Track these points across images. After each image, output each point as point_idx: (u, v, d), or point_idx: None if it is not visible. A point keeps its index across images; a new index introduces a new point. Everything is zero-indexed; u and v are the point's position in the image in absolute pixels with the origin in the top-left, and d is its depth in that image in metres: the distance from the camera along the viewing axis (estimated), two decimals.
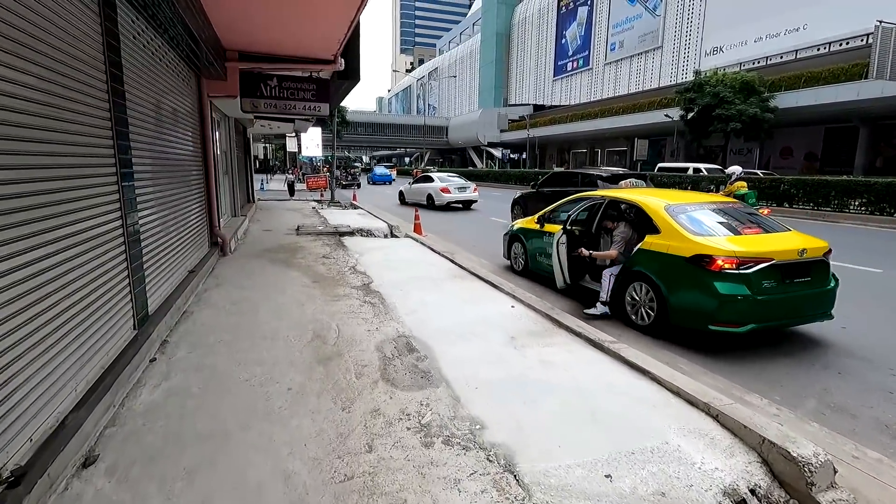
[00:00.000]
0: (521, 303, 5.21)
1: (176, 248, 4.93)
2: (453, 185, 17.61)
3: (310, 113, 7.37)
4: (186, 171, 5.77)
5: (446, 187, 17.39)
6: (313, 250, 8.12)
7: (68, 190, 2.58)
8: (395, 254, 8.04)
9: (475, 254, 8.77)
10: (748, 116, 27.70)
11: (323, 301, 5.14)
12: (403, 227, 11.62)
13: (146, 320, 3.67)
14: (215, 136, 8.79)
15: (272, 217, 13.19)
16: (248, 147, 14.25)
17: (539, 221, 6.38)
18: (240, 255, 7.57)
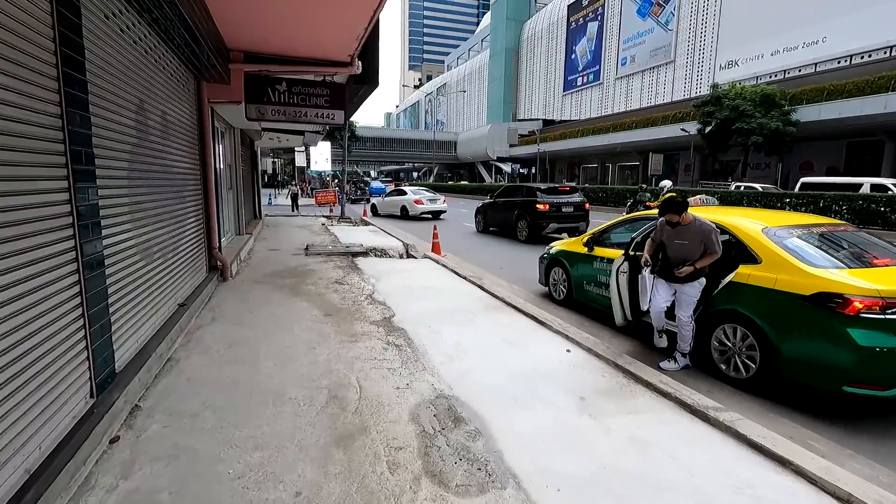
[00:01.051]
0: (576, 345, 4.29)
1: (161, 279, 4.07)
2: (425, 197, 19.17)
3: (322, 121, 6.59)
4: (180, 185, 4.95)
5: (419, 199, 18.93)
6: (324, 274, 7.26)
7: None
8: (416, 278, 7.15)
9: (504, 278, 7.87)
10: (769, 130, 26.83)
11: (338, 342, 4.25)
12: (420, 247, 10.77)
13: (111, 381, 2.80)
14: (218, 148, 8.03)
15: (279, 235, 12.40)
16: (255, 161, 13.55)
17: (588, 244, 5.48)
18: (242, 280, 6.72)
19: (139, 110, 3.64)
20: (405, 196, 19.48)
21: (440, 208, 19.07)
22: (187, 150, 5.34)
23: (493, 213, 14.27)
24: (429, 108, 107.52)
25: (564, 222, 12.33)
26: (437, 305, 5.58)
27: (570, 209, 12.46)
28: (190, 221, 5.33)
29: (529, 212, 12.34)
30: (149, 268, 3.74)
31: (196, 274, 5.54)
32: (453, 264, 8.26)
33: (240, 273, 7.16)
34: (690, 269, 3.69)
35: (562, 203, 12.41)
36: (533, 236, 12.19)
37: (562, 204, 12.39)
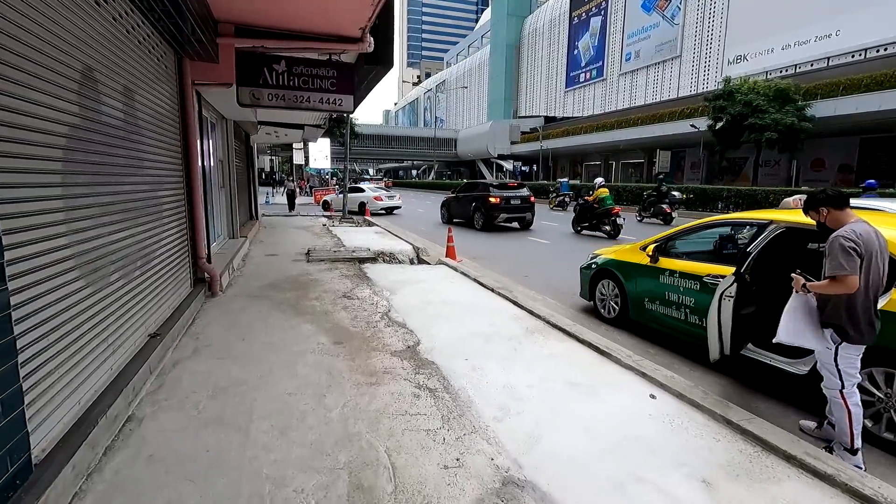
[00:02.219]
0: (660, 387, 3.33)
1: (121, 306, 3.10)
2: (384, 194, 21.32)
3: (328, 108, 5.62)
4: (153, 182, 3.97)
5: (379, 196, 20.89)
6: (330, 285, 6.28)
7: None
8: (436, 290, 6.19)
9: (533, 287, 6.91)
10: (784, 126, 25.91)
11: (354, 386, 3.28)
12: (431, 251, 9.80)
13: (21, 481, 1.83)
14: (207, 141, 7.05)
15: (278, 237, 11.40)
16: (251, 157, 12.55)
17: (653, 255, 4.51)
18: (235, 294, 5.74)
19: (86, 83, 2.66)
20: (364, 193, 21.19)
21: (396, 204, 21.26)
22: (164, 140, 4.36)
23: (456, 206, 16.05)
24: (428, 105, 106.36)
25: (513, 213, 14.31)
26: (470, 328, 4.62)
27: (517, 202, 14.30)
28: (168, 227, 4.36)
29: (484, 204, 14.11)
30: (99, 293, 2.76)
31: (177, 291, 4.57)
32: (474, 272, 7.29)
33: (232, 285, 6.18)
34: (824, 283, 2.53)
35: (511, 197, 14.28)
36: (487, 225, 14.21)
37: (511, 197, 14.25)
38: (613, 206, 12.90)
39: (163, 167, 4.28)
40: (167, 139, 4.46)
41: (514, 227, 14.75)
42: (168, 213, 4.37)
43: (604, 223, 12.99)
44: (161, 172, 4.22)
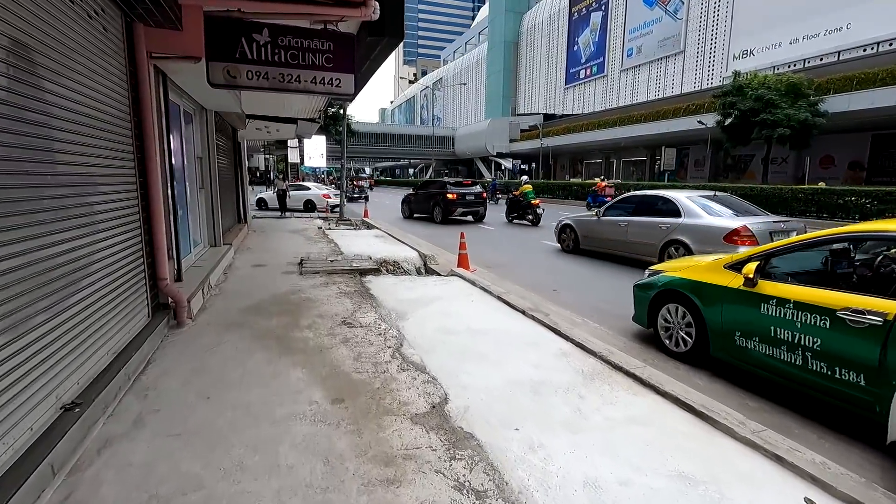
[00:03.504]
0: (814, 483, 2.26)
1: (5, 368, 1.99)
2: (331, 192, 22.08)
3: (323, 90, 4.51)
4: (79, 185, 2.86)
5: (327, 193, 21.51)
6: (326, 307, 5.18)
7: None
8: (456, 312, 5.09)
9: (564, 305, 5.84)
10: (797, 122, 24.96)
11: (363, 491, 2.19)
12: (440, 258, 8.71)
13: None
14: (180, 135, 5.93)
15: (268, 243, 10.28)
16: (238, 154, 11.41)
17: (751, 277, 3.42)
18: (207, 322, 4.63)
19: None
20: (310, 191, 21.77)
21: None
22: (103, 129, 3.25)
23: (416, 202, 17.64)
24: (425, 103, 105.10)
25: (468, 207, 16.13)
26: (509, 372, 3.53)
27: (472, 198, 16.18)
28: (108, 242, 3.24)
29: (443, 200, 15.80)
30: None
31: (123, 326, 3.45)
32: (496, 287, 6.20)
33: (207, 309, 5.06)
34: None
35: (466, 193, 16.12)
36: (444, 218, 15.95)
37: (466, 194, 16.10)
38: (535, 199, 15.84)
39: (99, 165, 3.16)
40: (109, 128, 3.35)
41: (469, 219, 16.69)
42: (108, 225, 3.25)
43: (528, 213, 15.80)
44: (96, 171, 3.11)
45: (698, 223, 7.51)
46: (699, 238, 7.35)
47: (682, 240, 7.57)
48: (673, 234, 7.77)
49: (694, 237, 7.43)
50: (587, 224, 9.79)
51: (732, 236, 6.85)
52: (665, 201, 8.22)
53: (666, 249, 7.80)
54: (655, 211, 8.30)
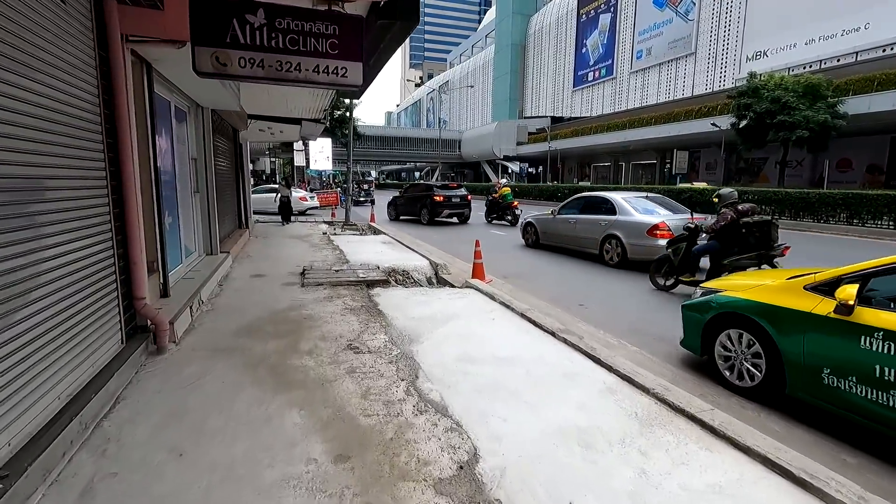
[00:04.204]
0: None
1: None
2: (307, 194, 22.58)
3: (327, 82, 3.93)
4: (24, 189, 2.29)
5: (304, 196, 21.83)
6: (330, 327, 4.59)
7: None
8: (476, 334, 4.48)
9: (595, 323, 5.21)
10: (816, 123, 24.18)
11: None
12: (452, 266, 8.12)
13: None
14: (170, 133, 5.38)
15: (270, 250, 9.72)
16: (240, 156, 10.88)
17: (845, 304, 2.78)
18: (193, 347, 4.04)
19: None
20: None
21: (315, 204, 22.47)
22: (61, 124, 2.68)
23: (403, 205, 18.03)
24: (431, 106, 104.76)
25: (454, 209, 16.61)
26: (551, 418, 2.91)
27: (457, 200, 16.68)
28: (65, 259, 2.67)
29: (430, 202, 16.35)
30: None
31: (86, 359, 2.87)
32: (518, 301, 5.59)
33: (195, 329, 4.48)
34: None
35: (452, 196, 16.63)
36: (431, 220, 16.48)
37: (452, 196, 16.60)
38: (513, 201, 16.88)
39: (55, 165, 2.59)
40: (69, 122, 2.78)
41: (454, 221, 17.26)
42: (64, 238, 2.68)
43: (507, 214, 16.60)
44: (49, 172, 2.54)
45: (629, 220, 8.72)
46: (629, 232, 8.60)
47: (617, 234, 8.80)
48: (610, 230, 8.97)
49: (625, 231, 8.67)
50: (545, 222, 10.92)
51: (654, 230, 8.14)
52: (605, 201, 9.46)
53: (604, 243, 9.06)
54: (598, 210, 9.52)
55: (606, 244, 9.03)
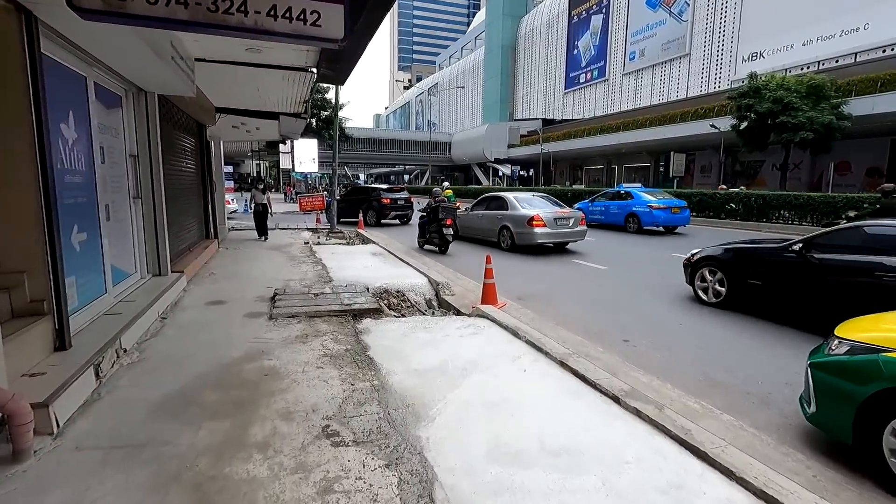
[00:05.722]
0: None
1: None
2: (230, 197, 21.98)
3: (289, 32, 2.56)
4: None
5: (229, 200, 22.41)
6: (298, 393, 3.22)
7: None
8: (508, 401, 3.14)
9: (650, 369, 3.91)
10: (821, 125, 23.35)
11: None
12: (455, 285, 6.78)
13: None
14: (94, 123, 3.98)
15: (239, 265, 8.28)
16: (206, 156, 9.43)
17: None
18: (80, 442, 2.64)
19: None
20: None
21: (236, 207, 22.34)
22: None
23: (346, 208, 17.66)
24: (420, 109, 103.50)
25: (399, 211, 17.33)
26: None
27: (402, 202, 17.46)
28: None
29: (377, 205, 17.08)
30: None
31: None
32: (550, 340, 4.27)
33: (97, 401, 3.06)
34: None
35: (397, 198, 17.43)
36: (378, 222, 17.02)
37: (397, 199, 17.40)
38: (456, 202, 17.74)
39: None
40: None
41: (396, 223, 17.72)
42: None
43: None
44: None
45: (515, 213, 10.75)
46: (515, 223, 10.59)
47: (507, 225, 10.81)
48: (503, 222, 10.97)
49: (513, 223, 10.68)
50: (462, 217, 12.50)
51: (531, 221, 10.16)
52: (501, 199, 11.54)
53: (500, 232, 11.07)
54: (496, 206, 11.51)
55: (501, 233, 11.04)
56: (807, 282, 5.11)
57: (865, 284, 4.59)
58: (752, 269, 5.71)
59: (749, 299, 5.82)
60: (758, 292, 5.65)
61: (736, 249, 6.03)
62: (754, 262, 5.74)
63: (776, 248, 5.54)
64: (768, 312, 5.74)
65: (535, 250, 10.71)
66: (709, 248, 6.42)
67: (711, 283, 6.17)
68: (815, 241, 5.18)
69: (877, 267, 4.51)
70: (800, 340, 4.76)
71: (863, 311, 3.41)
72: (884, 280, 4.44)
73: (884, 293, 4.39)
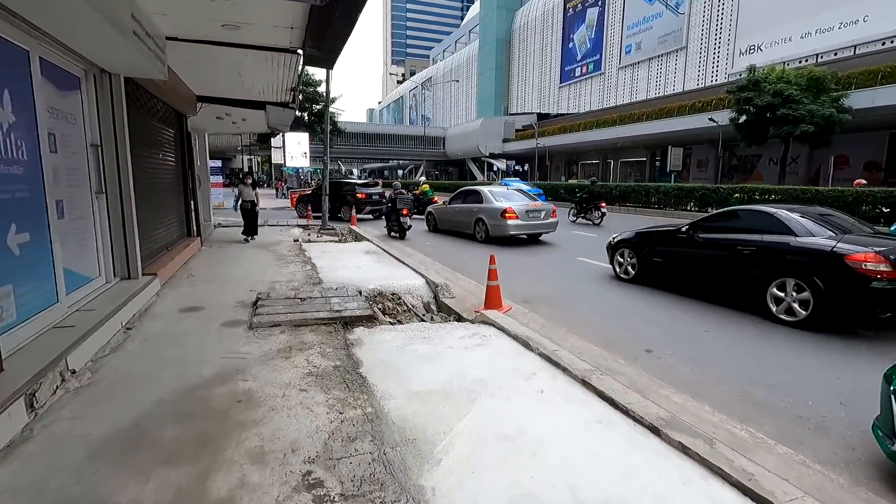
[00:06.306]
0: None
1: None
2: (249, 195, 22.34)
3: None
4: None
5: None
6: (275, 426, 2.68)
7: None
8: (527, 439, 2.62)
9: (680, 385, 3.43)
10: (821, 118, 22.97)
11: None
12: (454, 286, 6.26)
13: None
14: (42, 106, 3.39)
15: (221, 265, 7.71)
16: (187, 148, 8.81)
17: None
18: None
19: None
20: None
21: None
22: None
23: (314, 202, 17.03)
24: (413, 103, 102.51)
25: (374, 206, 17.18)
26: None
27: (376, 197, 17.46)
28: None
29: (351, 199, 16.90)
30: None
31: None
32: (567, 353, 3.77)
33: (27, 441, 2.50)
34: None
35: (372, 193, 17.57)
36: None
37: (372, 194, 17.54)
38: (433, 196, 17.53)
39: None
40: None
41: (370, 217, 17.49)
42: None
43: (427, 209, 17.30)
44: None
45: (489, 206, 11.21)
46: (489, 215, 11.07)
47: (482, 217, 11.24)
48: (478, 214, 11.39)
49: (487, 215, 11.14)
50: (440, 211, 13.43)
51: (504, 214, 10.70)
52: (477, 193, 11.97)
53: (475, 224, 11.49)
54: (472, 199, 12.00)
55: (476, 226, 11.47)
56: (694, 257, 6.27)
57: (731, 256, 5.73)
58: (655, 250, 6.78)
59: (654, 275, 6.88)
60: (660, 268, 6.75)
61: (642, 233, 7.07)
62: (656, 243, 6.81)
63: (672, 230, 6.63)
64: (670, 285, 6.72)
65: (509, 241, 11.29)
66: (625, 233, 7.43)
67: (627, 263, 7.24)
68: (699, 223, 6.38)
69: (738, 242, 5.68)
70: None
71: (732, 276, 5.70)
72: (743, 252, 5.57)
73: (743, 262, 5.56)
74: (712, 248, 5.99)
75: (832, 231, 5.22)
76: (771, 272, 5.23)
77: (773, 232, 5.42)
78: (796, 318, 4.98)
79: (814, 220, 5.41)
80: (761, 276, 5.32)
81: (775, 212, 5.64)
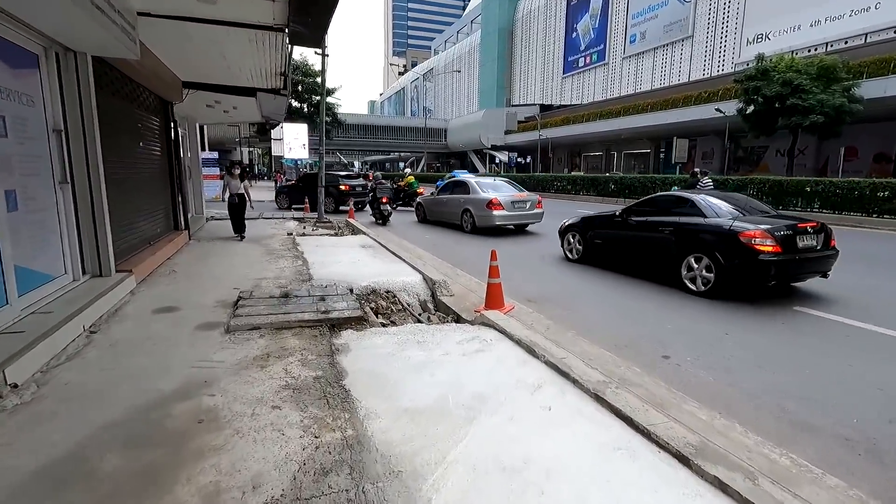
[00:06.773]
0: None
1: None
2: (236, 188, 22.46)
3: None
4: None
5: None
6: (237, 455, 2.28)
7: None
8: (536, 472, 2.22)
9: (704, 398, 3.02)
10: (832, 108, 22.32)
11: None
12: (453, 282, 5.86)
13: None
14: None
15: (207, 261, 7.31)
16: (174, 138, 8.37)
17: None
18: None
19: None
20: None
21: None
22: None
23: (295, 194, 17.80)
24: (415, 95, 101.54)
25: (358, 197, 17.07)
26: None
27: (360, 189, 17.46)
28: None
29: (335, 191, 16.89)
30: None
31: None
32: (576, 360, 3.37)
33: None
34: None
35: (355, 185, 17.61)
36: (336, 208, 16.69)
37: (355, 185, 17.58)
38: (418, 188, 18.24)
39: None
40: None
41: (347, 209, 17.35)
42: None
43: (412, 201, 16.97)
44: None
45: (476, 197, 11.33)
46: (476, 206, 11.16)
47: (469, 208, 11.37)
48: (465, 205, 11.52)
49: (474, 206, 11.24)
50: (429, 201, 13.60)
51: (490, 204, 10.78)
52: (464, 184, 12.03)
53: (462, 215, 11.61)
54: (460, 190, 12.08)
55: (463, 216, 11.61)
56: (627, 238, 7.02)
57: (655, 235, 6.54)
58: (596, 232, 7.49)
59: (596, 255, 7.56)
60: (600, 249, 7.45)
61: (587, 218, 7.76)
62: (597, 226, 7.52)
63: (610, 214, 7.36)
64: (608, 264, 7.46)
65: (496, 231, 11.38)
66: (573, 218, 8.11)
67: (573, 245, 7.90)
68: (631, 207, 7.13)
69: (660, 223, 6.50)
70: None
71: (656, 254, 6.56)
72: (665, 232, 6.35)
73: (664, 240, 6.35)
74: (641, 230, 6.79)
75: (740, 214, 5.98)
76: (684, 249, 6.06)
77: (688, 214, 6.26)
78: (704, 287, 5.76)
79: (726, 204, 6.18)
80: (678, 253, 6.13)
81: (690, 196, 6.52)
